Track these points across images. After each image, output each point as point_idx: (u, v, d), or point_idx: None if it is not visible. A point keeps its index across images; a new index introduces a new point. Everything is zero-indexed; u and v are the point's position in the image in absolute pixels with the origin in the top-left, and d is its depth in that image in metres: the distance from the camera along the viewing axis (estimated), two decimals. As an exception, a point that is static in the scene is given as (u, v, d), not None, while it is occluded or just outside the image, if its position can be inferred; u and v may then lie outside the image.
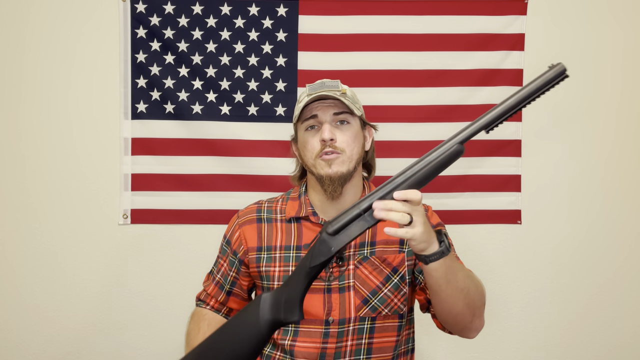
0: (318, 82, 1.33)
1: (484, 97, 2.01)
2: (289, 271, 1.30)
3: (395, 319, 1.30)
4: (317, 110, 1.28)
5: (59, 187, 1.99)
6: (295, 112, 1.33)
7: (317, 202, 1.34)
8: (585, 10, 2.03)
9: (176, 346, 2.01)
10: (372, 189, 1.36)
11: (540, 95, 1.01)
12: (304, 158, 1.32)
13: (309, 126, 1.30)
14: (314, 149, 1.28)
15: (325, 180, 1.26)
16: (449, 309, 1.18)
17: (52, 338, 2.00)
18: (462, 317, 1.19)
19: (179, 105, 1.99)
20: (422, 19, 2.00)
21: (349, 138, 1.27)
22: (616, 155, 2.06)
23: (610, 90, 2.05)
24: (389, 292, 1.29)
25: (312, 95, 1.28)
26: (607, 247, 2.06)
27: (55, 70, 1.98)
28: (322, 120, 1.28)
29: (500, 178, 2.04)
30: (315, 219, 1.32)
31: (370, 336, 1.28)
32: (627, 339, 2.07)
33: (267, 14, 1.98)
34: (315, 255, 1.04)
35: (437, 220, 1.39)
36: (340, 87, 1.31)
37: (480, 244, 2.05)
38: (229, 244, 1.39)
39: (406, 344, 1.36)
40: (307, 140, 1.29)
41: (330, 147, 1.25)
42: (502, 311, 2.05)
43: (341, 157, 1.26)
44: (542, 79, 1.00)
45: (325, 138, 1.25)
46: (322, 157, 1.26)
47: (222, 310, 1.42)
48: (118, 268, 2.01)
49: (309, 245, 1.31)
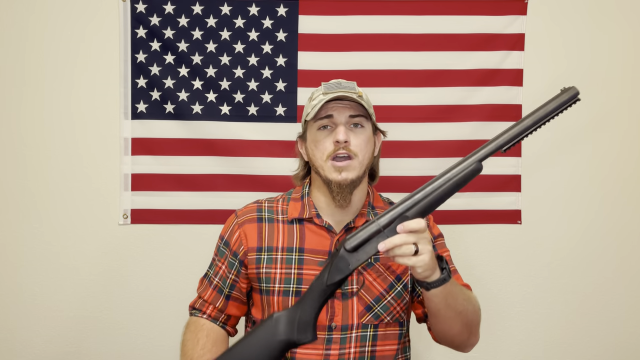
0: (334, 82, 1.30)
1: (484, 97, 2.01)
2: (290, 274, 1.27)
3: (396, 327, 1.29)
4: (333, 111, 1.25)
5: (59, 187, 1.99)
6: (307, 110, 1.31)
7: (322, 204, 1.31)
8: (585, 10, 2.03)
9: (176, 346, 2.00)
10: (376, 195, 1.37)
11: (554, 117, 1.06)
12: (312, 157, 1.29)
13: (322, 126, 1.27)
14: (325, 150, 1.25)
15: (334, 186, 1.24)
16: (448, 330, 1.20)
17: (52, 338, 2.00)
18: (460, 336, 1.22)
19: (179, 105, 1.99)
20: (422, 19, 2.00)
21: (362, 142, 1.26)
22: (616, 155, 2.06)
23: (610, 90, 2.04)
24: (392, 299, 1.27)
25: (329, 95, 1.25)
26: (606, 246, 2.06)
27: (56, 70, 1.98)
28: (338, 121, 1.25)
29: (500, 178, 2.04)
30: (319, 222, 1.29)
31: (373, 344, 1.26)
32: (626, 338, 2.07)
33: (267, 14, 1.98)
34: (333, 273, 1.04)
35: (437, 232, 1.38)
36: (357, 89, 1.29)
37: (480, 244, 2.05)
38: (227, 245, 1.35)
39: (403, 352, 1.34)
40: (319, 139, 1.26)
41: (343, 150, 1.23)
42: (502, 311, 2.05)
43: (353, 162, 1.24)
44: (556, 101, 1.05)
45: (340, 139, 1.22)
46: (334, 161, 1.24)
47: (220, 319, 1.36)
48: (118, 268, 2.01)
49: (312, 248, 1.29)
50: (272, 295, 1.28)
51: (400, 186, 1.93)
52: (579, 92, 1.05)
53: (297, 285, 1.26)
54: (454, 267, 1.35)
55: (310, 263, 1.27)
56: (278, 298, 1.27)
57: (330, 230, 1.29)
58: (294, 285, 1.27)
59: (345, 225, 1.29)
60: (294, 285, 1.27)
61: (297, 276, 1.27)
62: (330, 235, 1.29)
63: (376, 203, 1.36)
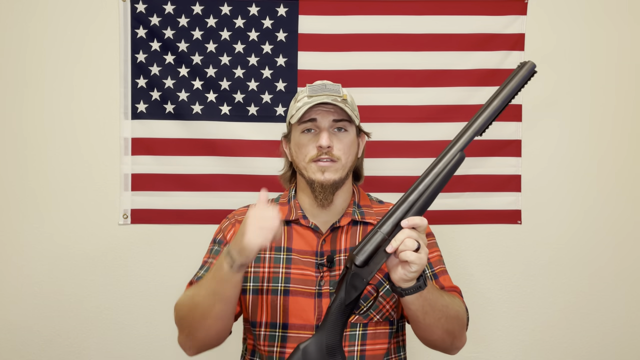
0: (319, 84, 1.31)
1: (484, 97, 1.98)
2: (278, 272, 1.27)
3: (386, 325, 1.28)
4: (317, 115, 1.26)
5: (59, 187, 1.99)
6: (292, 111, 1.31)
7: (306, 205, 1.32)
8: (585, 10, 2.03)
9: (176, 346, 2.00)
10: (362, 194, 1.37)
11: (517, 94, 1.10)
12: (296, 159, 1.31)
13: (306, 129, 1.28)
14: (308, 153, 1.26)
15: (317, 186, 1.26)
16: (428, 336, 1.21)
17: (52, 338, 2.00)
18: (442, 342, 1.22)
19: (179, 105, 1.99)
20: (422, 19, 2.00)
21: (345, 146, 1.27)
22: (615, 155, 2.06)
23: (609, 89, 2.04)
24: (381, 298, 1.27)
25: (312, 99, 1.26)
26: (606, 246, 2.06)
27: (56, 70, 1.99)
28: (321, 125, 1.26)
29: (500, 178, 2.04)
30: (305, 222, 1.31)
31: (362, 343, 1.25)
32: (626, 338, 2.07)
33: (267, 14, 1.98)
34: (349, 291, 1.05)
35: (428, 230, 1.38)
36: (341, 92, 1.30)
37: (480, 244, 2.05)
38: (221, 243, 1.34)
39: (396, 352, 1.33)
40: (302, 142, 1.28)
41: (326, 155, 1.25)
42: (502, 311, 2.05)
43: (335, 165, 1.26)
44: (517, 78, 1.09)
45: (323, 145, 1.24)
46: (317, 162, 1.25)
47: None
48: (118, 268, 2.01)
49: (299, 249, 1.29)
50: (261, 294, 1.28)
51: (400, 186, 1.92)
52: (535, 65, 1.09)
53: (284, 285, 1.26)
54: (444, 267, 1.34)
55: (298, 262, 1.28)
56: (267, 297, 1.27)
57: (316, 230, 1.30)
58: (282, 284, 1.27)
59: (331, 226, 1.30)
60: (282, 285, 1.27)
61: (285, 275, 1.27)
62: (317, 236, 1.30)
63: (362, 202, 1.37)
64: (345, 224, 1.30)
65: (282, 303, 1.25)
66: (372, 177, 1.89)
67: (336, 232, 1.30)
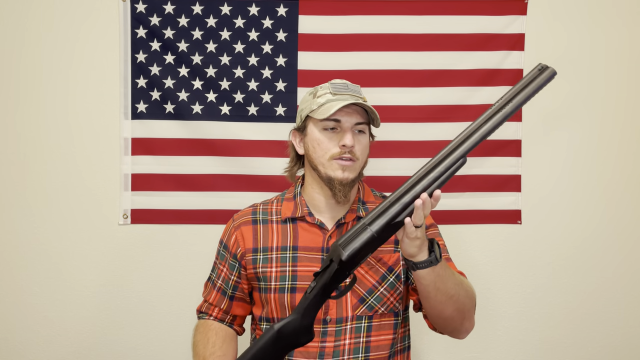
0: (340, 82, 1.34)
1: (484, 97, 2.01)
2: (285, 271, 1.31)
3: (391, 317, 1.32)
4: (342, 116, 1.29)
5: (59, 187, 1.99)
6: (311, 106, 1.32)
7: (316, 202, 1.35)
8: (585, 10, 2.03)
9: (176, 346, 2.01)
10: (367, 190, 1.39)
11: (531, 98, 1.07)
12: (312, 154, 1.32)
13: (328, 127, 1.30)
14: (329, 150, 1.29)
15: (336, 184, 1.28)
16: (439, 313, 1.23)
17: (52, 338, 2.00)
18: (452, 321, 1.25)
19: (179, 105, 1.99)
20: (422, 19, 2.00)
21: (364, 147, 1.32)
22: (616, 155, 2.06)
23: (610, 90, 2.05)
24: (385, 290, 1.31)
25: (337, 97, 1.28)
26: (607, 246, 2.06)
27: (56, 70, 1.99)
28: (345, 126, 1.29)
29: (500, 178, 2.04)
30: (311, 219, 1.34)
31: (367, 334, 1.29)
32: (626, 338, 2.07)
33: (267, 14, 1.98)
34: (331, 283, 1.09)
35: (430, 221, 1.41)
36: (362, 94, 1.33)
37: (481, 244, 2.05)
38: (226, 248, 1.40)
39: (402, 341, 1.37)
40: (322, 140, 1.30)
41: (348, 154, 1.28)
42: (502, 311, 2.06)
43: (355, 164, 1.30)
44: (535, 83, 1.06)
45: (347, 145, 1.27)
46: (339, 160, 1.28)
47: (226, 320, 1.42)
48: (118, 268, 2.01)
49: (305, 245, 1.33)
50: (270, 293, 1.33)
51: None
52: (556, 72, 1.06)
53: (292, 282, 1.31)
54: (448, 255, 1.38)
55: (304, 260, 1.32)
56: (275, 295, 1.32)
57: (322, 227, 1.34)
58: (289, 282, 1.31)
59: (336, 222, 1.34)
60: (289, 282, 1.31)
61: (292, 273, 1.32)
62: (322, 232, 1.34)
63: (367, 198, 1.40)
64: (350, 220, 1.34)
65: (289, 300, 1.30)
66: (372, 177, 1.89)
67: (341, 228, 1.34)
